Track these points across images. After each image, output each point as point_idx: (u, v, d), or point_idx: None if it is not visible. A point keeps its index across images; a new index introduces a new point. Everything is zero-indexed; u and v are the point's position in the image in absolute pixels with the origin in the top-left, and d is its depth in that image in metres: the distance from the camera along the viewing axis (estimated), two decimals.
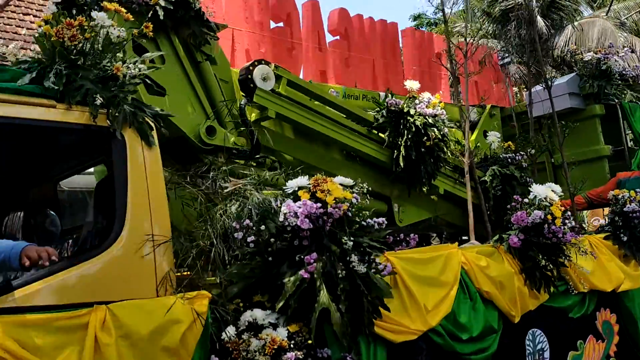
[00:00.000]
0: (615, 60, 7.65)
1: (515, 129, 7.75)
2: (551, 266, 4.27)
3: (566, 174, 6.22)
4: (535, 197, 4.37)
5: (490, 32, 9.64)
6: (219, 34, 4.75)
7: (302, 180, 3.25)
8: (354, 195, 3.27)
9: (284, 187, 3.32)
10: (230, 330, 2.92)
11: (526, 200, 4.45)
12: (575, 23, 11.29)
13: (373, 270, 3.04)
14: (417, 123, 4.91)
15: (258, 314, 3.02)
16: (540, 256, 4.25)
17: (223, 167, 3.80)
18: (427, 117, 5.05)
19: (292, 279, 3.01)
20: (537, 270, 4.34)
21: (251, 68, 4.25)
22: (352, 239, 3.06)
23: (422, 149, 5.05)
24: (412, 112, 4.99)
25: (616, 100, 7.39)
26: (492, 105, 7.73)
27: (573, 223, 4.48)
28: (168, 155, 4.06)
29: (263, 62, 4.34)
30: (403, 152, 4.94)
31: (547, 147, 6.62)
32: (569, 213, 4.58)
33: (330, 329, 3.05)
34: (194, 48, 4.03)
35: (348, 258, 2.99)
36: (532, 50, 6.85)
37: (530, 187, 4.74)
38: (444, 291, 3.67)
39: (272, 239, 3.09)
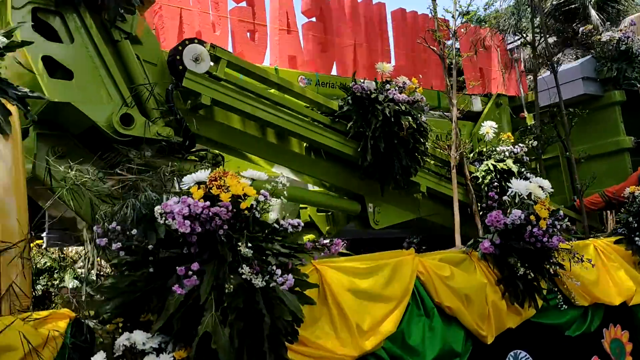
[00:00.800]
0: (639, 40, 6.78)
1: (526, 120, 7.01)
2: (533, 275, 3.57)
3: (573, 168, 5.46)
4: (515, 194, 3.67)
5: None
6: (166, 13, 4.25)
7: (202, 175, 2.69)
8: (263, 192, 2.68)
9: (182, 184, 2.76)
10: (99, 357, 2.38)
11: (506, 197, 3.77)
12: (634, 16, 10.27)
13: (273, 284, 2.44)
14: (387, 111, 4.26)
15: (137, 337, 2.46)
16: (520, 264, 3.56)
17: (137, 160, 3.30)
18: (400, 104, 4.40)
19: (175, 294, 2.46)
20: (519, 280, 3.65)
21: (180, 48, 3.71)
22: (249, 244, 2.47)
23: (395, 141, 4.40)
24: (380, 98, 4.35)
25: (638, 86, 6.54)
26: (499, 94, 7.00)
27: (565, 225, 3.76)
28: (86, 148, 3.62)
29: (196, 41, 3.80)
30: (370, 144, 4.31)
31: (555, 139, 5.85)
32: (562, 213, 3.87)
33: None
34: (110, 25, 3.51)
35: (240, 269, 2.40)
36: (540, 30, 6.08)
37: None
38: (388, 307, 3.04)
39: (155, 247, 2.53)
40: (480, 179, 5.11)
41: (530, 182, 3.95)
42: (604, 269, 4.41)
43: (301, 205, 5.03)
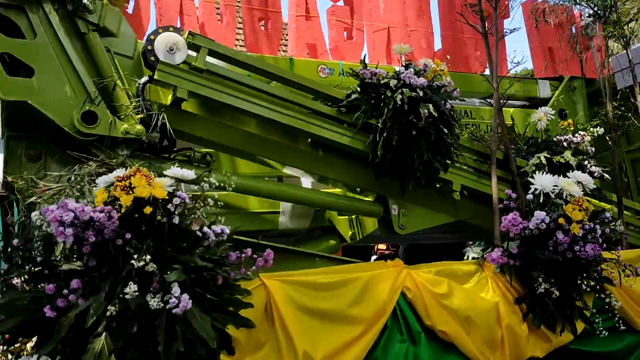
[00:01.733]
0: None
1: (607, 105, 6.02)
2: (558, 293, 2.86)
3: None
4: (539, 191, 2.98)
5: None
6: (165, 4, 3.99)
7: (112, 175, 2.33)
8: (181, 194, 2.27)
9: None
10: None
11: (530, 196, 3.07)
12: None
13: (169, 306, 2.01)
14: (398, 98, 3.68)
15: None
16: (543, 278, 2.87)
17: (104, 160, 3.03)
18: (417, 89, 3.80)
19: (70, 314, 2.12)
20: (549, 298, 2.94)
21: (152, 37, 3.41)
22: (148, 257, 2.06)
23: (414, 132, 3.80)
24: (392, 84, 3.78)
25: None
26: (573, 77, 6.06)
27: (609, 230, 3.00)
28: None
29: (171, 29, 3.47)
30: (382, 136, 3.75)
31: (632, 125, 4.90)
32: (608, 215, 3.11)
33: None
34: (73, 15, 3.27)
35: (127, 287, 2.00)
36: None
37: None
38: (353, 331, 2.50)
39: (54, 259, 2.21)
40: (530, 175, 4.35)
41: (567, 177, 3.21)
42: None
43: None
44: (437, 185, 4.26)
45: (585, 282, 2.88)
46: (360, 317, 2.53)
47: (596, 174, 4.42)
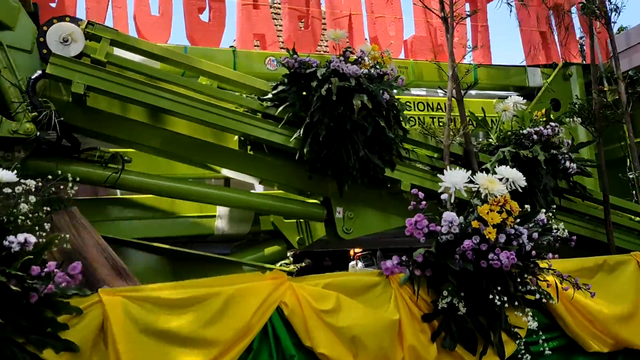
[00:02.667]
0: None
1: (606, 94, 5.43)
2: (465, 308, 2.43)
3: (633, 155, 3.99)
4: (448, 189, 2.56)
5: None
6: None
7: None
8: None
9: None
10: None
11: (445, 195, 2.65)
12: None
13: None
14: (323, 90, 3.31)
15: None
16: (449, 291, 2.45)
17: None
18: (351, 78, 3.41)
19: None
20: (469, 315, 2.52)
21: (45, 28, 3.16)
22: None
23: (348, 126, 3.42)
24: (320, 73, 3.41)
25: None
26: (567, 63, 5.50)
27: (537, 235, 2.56)
28: None
29: (67, 19, 3.21)
30: (305, 132, 3.39)
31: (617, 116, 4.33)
32: (542, 218, 2.66)
33: None
34: None
35: None
36: None
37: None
38: (205, 355, 2.16)
39: None
40: (492, 172, 3.87)
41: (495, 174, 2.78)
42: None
43: None
44: (389, 185, 3.86)
45: (499, 297, 2.42)
46: (215, 339, 2.18)
47: (571, 170, 3.91)
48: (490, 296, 2.41)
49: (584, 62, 5.69)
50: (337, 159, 3.48)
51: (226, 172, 3.91)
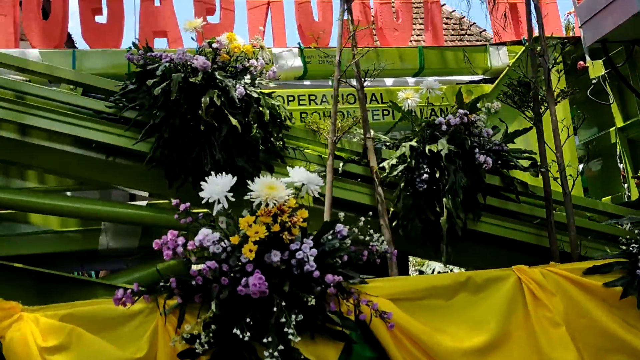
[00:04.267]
0: None
1: (588, 71, 4.63)
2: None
3: (558, 141, 3.30)
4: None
5: None
6: None
7: None
8: None
9: None
10: None
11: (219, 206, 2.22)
12: None
13: None
14: (156, 90, 2.95)
15: None
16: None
17: None
18: (197, 73, 3.03)
19: None
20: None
21: None
22: None
23: (202, 127, 3.04)
24: (161, 69, 3.05)
25: None
26: (537, 38, 4.72)
27: (328, 249, 2.07)
28: None
29: None
30: (149, 134, 3.05)
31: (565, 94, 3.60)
32: (342, 227, 2.16)
33: None
34: None
35: None
36: None
37: None
38: None
39: None
40: (388, 171, 3.34)
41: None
42: (519, 323, 2.43)
43: None
44: None
45: (243, 330, 1.95)
46: None
47: (485, 165, 3.28)
48: (235, 330, 1.95)
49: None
50: (196, 164, 3.12)
51: None
